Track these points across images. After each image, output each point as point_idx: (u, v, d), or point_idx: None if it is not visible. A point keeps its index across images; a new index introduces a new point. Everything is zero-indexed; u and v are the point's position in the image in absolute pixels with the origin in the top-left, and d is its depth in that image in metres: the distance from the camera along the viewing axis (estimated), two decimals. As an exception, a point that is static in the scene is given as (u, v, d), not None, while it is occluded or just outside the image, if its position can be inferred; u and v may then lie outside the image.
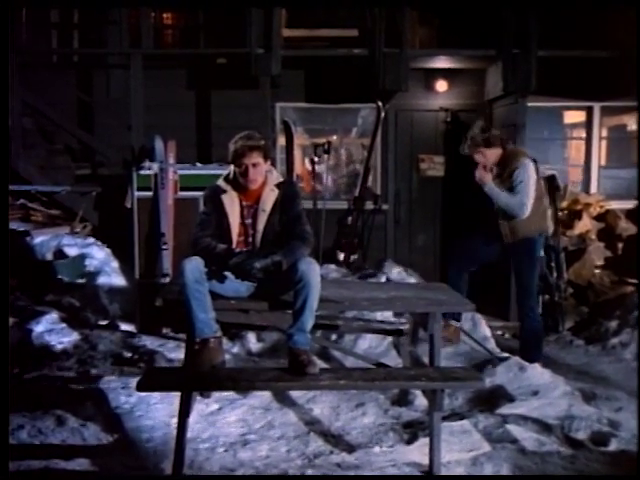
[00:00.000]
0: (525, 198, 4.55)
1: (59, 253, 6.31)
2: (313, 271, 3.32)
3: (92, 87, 7.32)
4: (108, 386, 4.18)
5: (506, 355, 4.85)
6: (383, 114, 6.96)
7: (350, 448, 3.66)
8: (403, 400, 4.21)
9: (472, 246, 4.84)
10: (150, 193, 5.71)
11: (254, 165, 3.50)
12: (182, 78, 7.07)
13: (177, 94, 6.95)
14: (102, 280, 6.16)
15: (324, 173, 7.11)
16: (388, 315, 5.07)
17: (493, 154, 4.68)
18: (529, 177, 4.56)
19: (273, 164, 3.86)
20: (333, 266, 6.56)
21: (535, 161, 4.69)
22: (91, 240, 6.57)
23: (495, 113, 7.01)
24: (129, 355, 4.90)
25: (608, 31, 6.38)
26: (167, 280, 5.48)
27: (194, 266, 3.33)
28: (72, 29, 7.68)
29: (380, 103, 6.91)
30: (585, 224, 6.68)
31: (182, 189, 5.75)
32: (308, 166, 7.27)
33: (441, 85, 7.15)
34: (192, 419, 3.57)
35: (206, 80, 7.03)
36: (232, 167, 3.60)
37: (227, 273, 3.49)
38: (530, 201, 4.56)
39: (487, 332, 5.50)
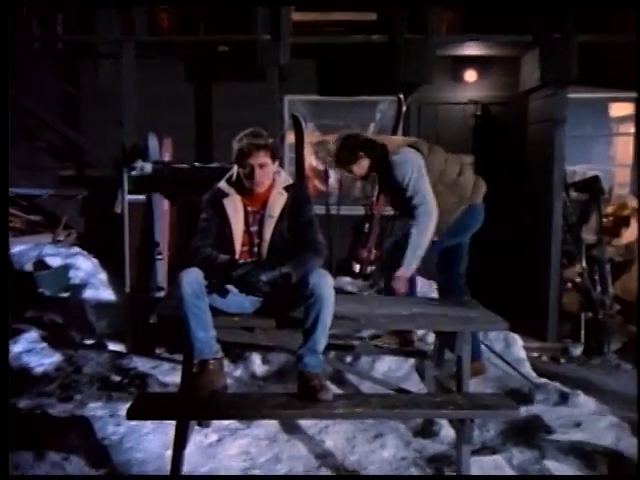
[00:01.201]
0: (423, 196, 4.28)
1: (40, 264, 6.33)
2: (326, 284, 3.34)
3: (79, 78, 7.36)
4: (94, 414, 4.17)
5: (544, 381, 4.82)
6: (405, 108, 6.97)
7: (367, 485, 3.64)
8: (427, 431, 4.18)
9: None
10: (143, 197, 5.72)
11: (261, 166, 3.52)
12: (179, 69, 7.11)
13: (174, 87, 6.99)
14: (88, 294, 6.18)
15: (338, 174, 7.11)
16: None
17: (363, 166, 4.49)
18: (412, 168, 4.31)
19: (281, 164, 3.87)
20: (348, 279, 6.55)
21: (417, 148, 4.40)
22: (76, 249, 6.60)
23: (531, 106, 6.99)
24: (118, 379, 4.89)
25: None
26: (162, 294, 5.49)
27: (193, 279, 3.35)
28: (55, 12, 7.70)
29: (401, 96, 6.91)
30: (633, 232, 6.63)
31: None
32: (320, 167, 7.27)
33: (470, 75, 7.14)
34: (189, 451, 3.56)
35: (206, 71, 7.07)
36: (235, 168, 3.62)
37: (230, 287, 3.51)
38: (430, 195, 4.30)
39: (522, 354, 5.46)
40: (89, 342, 5.70)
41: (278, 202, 3.59)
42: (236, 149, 3.55)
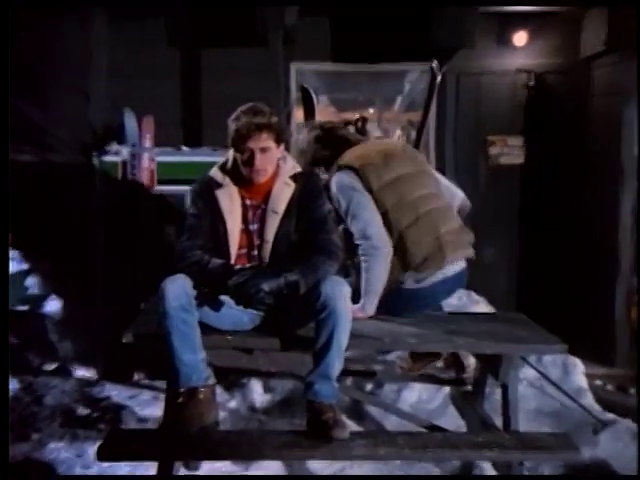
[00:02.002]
0: (362, 224, 4.10)
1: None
2: (341, 296, 3.36)
3: (38, 43, 7.38)
4: (57, 455, 4.20)
5: (611, 416, 4.81)
6: (439, 79, 6.93)
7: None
8: (466, 476, 4.19)
9: None
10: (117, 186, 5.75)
11: (262, 150, 3.53)
12: (161, 32, 7.11)
13: (155, 53, 6.99)
14: (50, 307, 6.20)
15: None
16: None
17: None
18: (347, 197, 4.15)
19: (287, 148, 3.88)
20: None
21: (348, 166, 4.21)
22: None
23: (595, 76, 6.97)
24: (86, 412, 4.93)
25: None
26: (141, 307, 5.51)
27: (179, 288, 3.37)
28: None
29: (435, 63, 6.88)
30: None
31: (161, 182, 5.80)
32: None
33: (520, 38, 7.12)
34: (173, 500, 3.58)
35: (195, 34, 7.07)
36: (231, 152, 3.64)
37: (224, 298, 3.53)
38: (373, 219, 4.11)
39: (583, 382, 5.45)
40: (51, 367, 5.73)
41: (283, 194, 3.60)
42: (232, 130, 3.56)
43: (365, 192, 4.11)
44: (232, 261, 3.58)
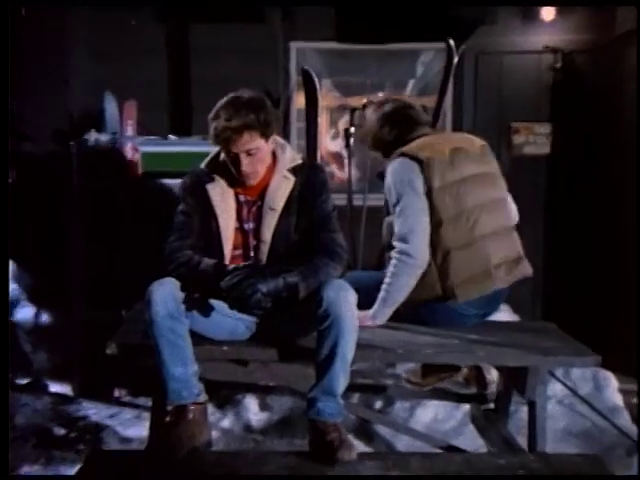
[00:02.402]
0: (406, 228, 4.17)
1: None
2: (346, 302, 3.36)
3: (10, 20, 7.37)
4: None
5: (650, 437, 4.79)
6: (456, 59, 6.92)
7: None
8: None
9: None
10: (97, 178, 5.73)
11: (248, 152, 3.51)
12: (146, 7, 7.10)
13: (139, 32, 6.99)
14: (22, 314, 6.19)
15: (365, 152, 7.10)
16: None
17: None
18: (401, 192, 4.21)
19: (287, 137, 3.86)
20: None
21: (413, 156, 4.24)
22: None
23: (628, 56, 6.94)
24: (63, 432, 4.92)
25: None
26: (124, 314, 5.49)
27: (167, 293, 3.37)
28: None
29: (452, 42, 6.88)
30: None
31: (146, 175, 5.78)
32: (339, 140, 7.26)
33: (547, 12, 7.11)
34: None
35: (183, 11, 7.06)
36: (221, 146, 3.64)
37: (217, 303, 3.52)
38: (420, 229, 4.16)
39: (617, 399, 5.44)
40: (23, 381, 5.72)
41: (282, 189, 3.60)
42: (211, 132, 3.54)
43: (422, 194, 4.14)
44: (226, 262, 3.59)
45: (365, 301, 3.95)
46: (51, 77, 6.63)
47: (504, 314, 6.21)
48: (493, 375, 4.76)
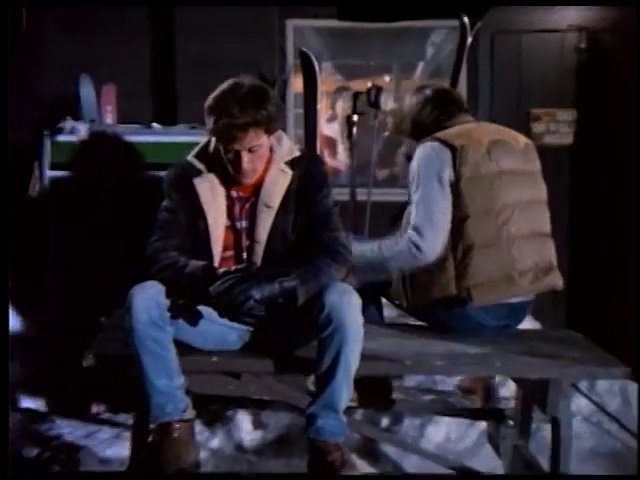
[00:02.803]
0: (423, 219, 4.20)
1: None
2: (350, 307, 3.35)
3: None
4: (0, 504, 4.18)
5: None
6: (470, 39, 6.92)
7: None
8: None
9: None
10: (73, 173, 5.73)
11: (251, 150, 3.49)
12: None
13: (119, 8, 6.97)
14: (-11, 321, 6.19)
15: (369, 142, 7.09)
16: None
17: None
18: (424, 176, 4.23)
19: (284, 127, 3.85)
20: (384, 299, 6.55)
21: (446, 142, 4.25)
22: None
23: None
24: (34, 452, 4.91)
25: None
26: (102, 321, 5.48)
27: (149, 298, 3.36)
28: None
29: (466, 20, 6.88)
30: None
31: (127, 167, 5.77)
32: (339, 131, 7.26)
33: (573, -15, 7.12)
34: None
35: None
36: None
37: (205, 310, 3.50)
38: (439, 223, 4.18)
39: (649, 416, 5.44)
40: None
41: (279, 184, 3.59)
42: (209, 127, 3.51)
43: (447, 186, 4.14)
44: (215, 264, 3.57)
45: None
46: (21, 58, 6.62)
47: (524, 321, 6.23)
48: (510, 387, 4.78)
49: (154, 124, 6.10)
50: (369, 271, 4.24)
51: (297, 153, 3.70)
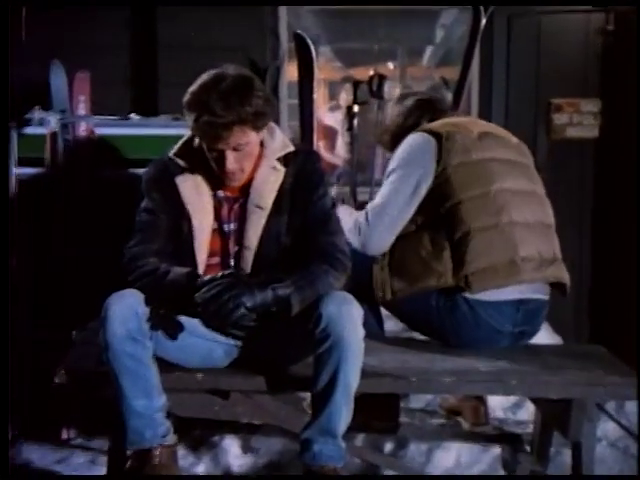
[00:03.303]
0: (379, 205, 4.38)
1: None
2: (350, 318, 3.37)
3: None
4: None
5: None
6: (484, 21, 6.96)
7: None
8: None
9: None
10: (43, 170, 5.75)
11: (237, 148, 3.50)
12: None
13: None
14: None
15: (372, 136, 7.12)
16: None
17: None
18: (402, 160, 4.39)
19: (276, 119, 3.87)
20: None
21: (431, 131, 4.38)
22: None
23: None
24: None
25: None
26: (73, 335, 5.50)
27: (126, 309, 3.36)
28: None
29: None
30: None
31: (103, 162, 5.79)
32: (341, 122, 7.28)
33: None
34: None
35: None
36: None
37: (189, 321, 3.51)
38: (390, 219, 4.34)
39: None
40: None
41: (271, 183, 3.61)
42: (190, 124, 3.52)
43: (421, 189, 4.24)
44: (200, 271, 3.56)
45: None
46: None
47: (542, 334, 6.23)
48: (528, 409, 4.80)
49: (132, 115, 6.12)
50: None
51: (291, 148, 3.69)
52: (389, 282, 4.27)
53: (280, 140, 3.68)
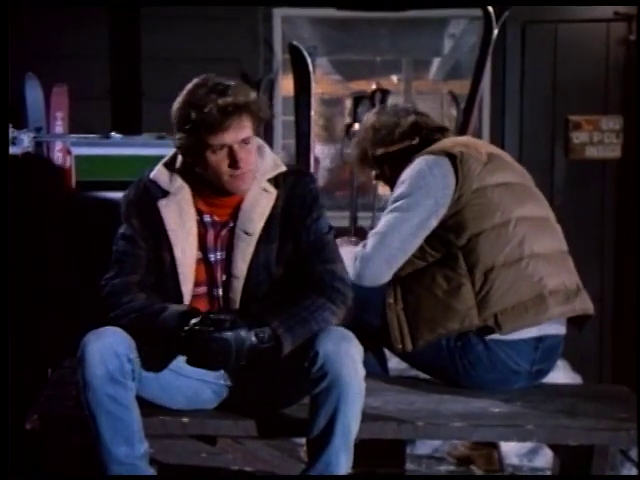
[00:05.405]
0: (380, 229, 4.31)
1: None
2: (349, 357, 3.34)
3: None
4: None
5: None
6: (496, 31, 6.96)
7: None
8: None
9: None
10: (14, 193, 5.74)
11: (244, 142, 3.47)
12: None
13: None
14: None
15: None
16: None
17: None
18: (410, 186, 4.29)
19: (268, 135, 3.85)
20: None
21: (451, 155, 4.29)
22: None
23: None
24: None
25: None
26: (49, 375, 5.48)
27: (107, 348, 3.33)
28: None
29: (490, 7, 6.91)
30: None
31: (82, 185, 5.78)
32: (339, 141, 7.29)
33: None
34: None
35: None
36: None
37: (175, 361, 3.48)
38: (392, 235, 4.25)
39: None
40: None
41: (260, 206, 3.56)
42: (194, 121, 3.45)
43: (441, 208, 4.16)
44: (185, 304, 3.52)
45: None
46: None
47: (560, 373, 6.22)
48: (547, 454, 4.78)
49: (113, 133, 6.11)
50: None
51: (282, 168, 3.65)
52: (408, 332, 4.22)
53: (270, 159, 3.64)
